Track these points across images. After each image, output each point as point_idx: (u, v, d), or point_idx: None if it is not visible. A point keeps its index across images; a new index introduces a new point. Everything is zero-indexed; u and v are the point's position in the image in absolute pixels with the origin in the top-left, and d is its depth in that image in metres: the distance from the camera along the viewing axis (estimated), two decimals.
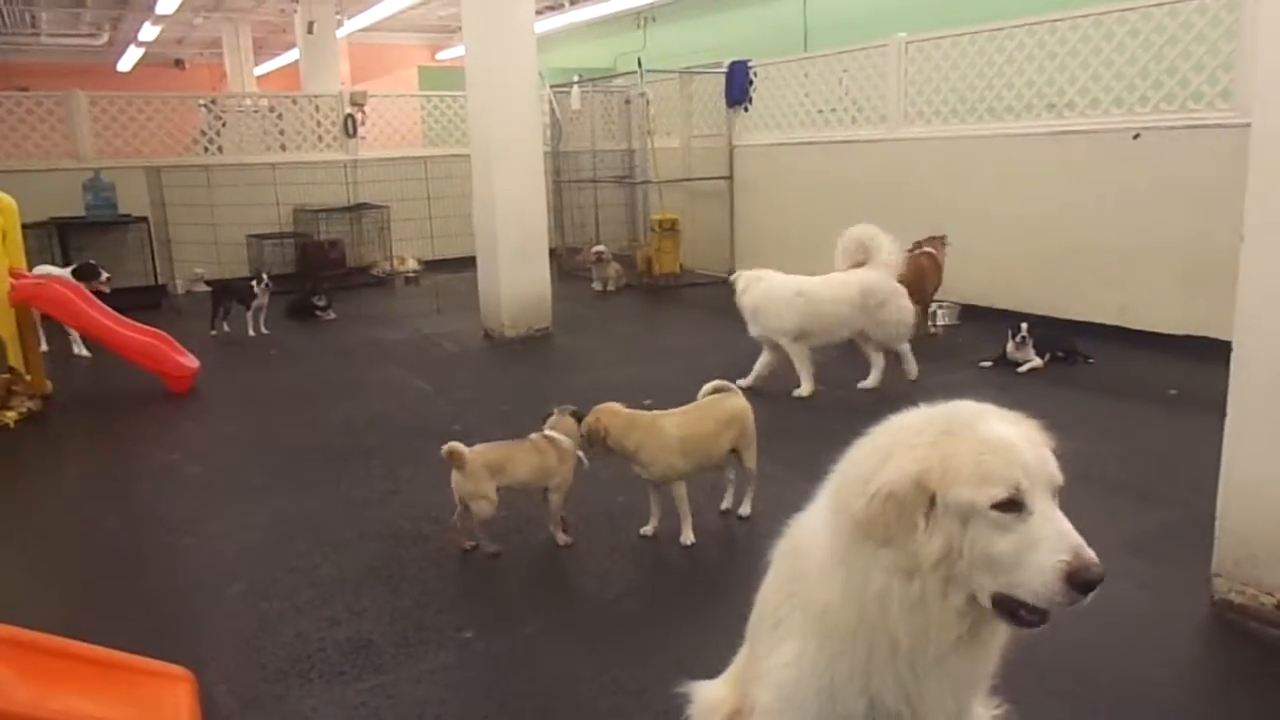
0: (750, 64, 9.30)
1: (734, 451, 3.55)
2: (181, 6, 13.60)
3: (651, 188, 9.93)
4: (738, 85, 9.36)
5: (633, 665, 2.65)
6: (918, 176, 7.59)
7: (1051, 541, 1.40)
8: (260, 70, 19.33)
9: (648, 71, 9.64)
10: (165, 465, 4.67)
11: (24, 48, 18.46)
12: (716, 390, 3.60)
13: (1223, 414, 2.74)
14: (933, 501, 1.44)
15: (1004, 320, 5.96)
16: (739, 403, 3.58)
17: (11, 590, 3.36)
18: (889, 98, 7.81)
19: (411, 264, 10.63)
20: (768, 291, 5.65)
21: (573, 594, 3.12)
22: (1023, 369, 5.67)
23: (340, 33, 14.56)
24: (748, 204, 9.55)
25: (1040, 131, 6.70)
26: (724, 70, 9.44)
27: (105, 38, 17.76)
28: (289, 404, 5.67)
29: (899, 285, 5.48)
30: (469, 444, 3.37)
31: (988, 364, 5.83)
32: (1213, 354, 4.16)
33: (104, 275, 7.15)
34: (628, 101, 10.85)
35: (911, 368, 5.55)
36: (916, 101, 7.64)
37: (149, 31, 16.22)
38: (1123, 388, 5.30)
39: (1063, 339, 5.90)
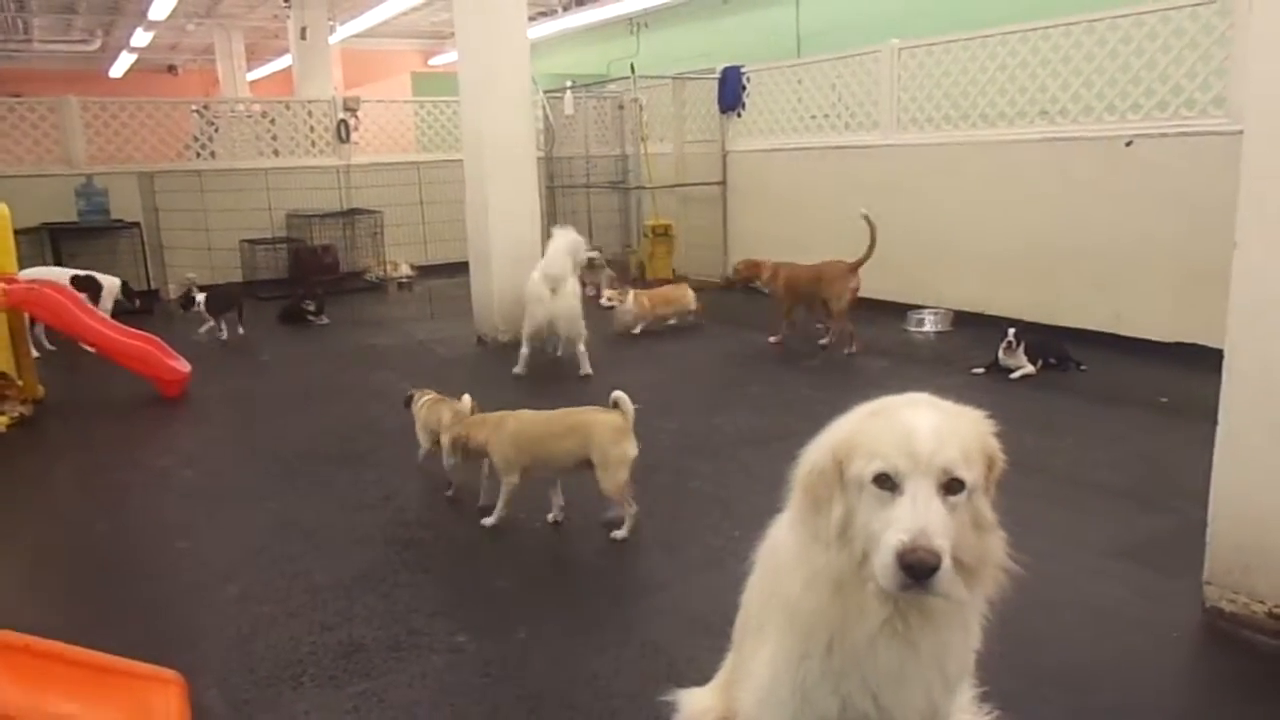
0: (743, 70, 9.33)
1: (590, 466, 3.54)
2: (174, 13, 13.58)
3: (645, 193, 9.95)
4: (731, 91, 9.38)
5: (625, 670, 2.64)
6: (910, 182, 7.61)
7: (902, 522, 1.41)
8: (253, 76, 19.34)
9: (641, 77, 9.68)
10: (158, 469, 4.65)
11: (16, 54, 18.42)
12: (614, 403, 3.56)
13: (1214, 421, 2.75)
14: (843, 474, 1.51)
15: (997, 327, 5.97)
16: (592, 419, 3.56)
17: (3, 594, 3.34)
18: (882, 104, 7.84)
19: (404, 269, 10.62)
20: None
21: (564, 599, 3.11)
22: (1015, 375, 5.69)
23: (333, 39, 14.55)
24: (741, 209, 9.57)
25: (1033, 138, 6.73)
26: (717, 76, 9.47)
27: (98, 44, 17.74)
28: (282, 409, 5.65)
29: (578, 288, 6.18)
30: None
31: (979, 370, 5.85)
32: (1204, 361, 4.19)
33: (135, 302, 7.31)
34: (621, 107, 10.87)
35: (584, 367, 6.09)
36: (909, 108, 7.67)
37: (141, 38, 16.20)
38: (1115, 394, 5.32)
39: (1055, 345, 5.91)
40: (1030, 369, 5.70)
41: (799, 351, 6.61)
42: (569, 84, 10.72)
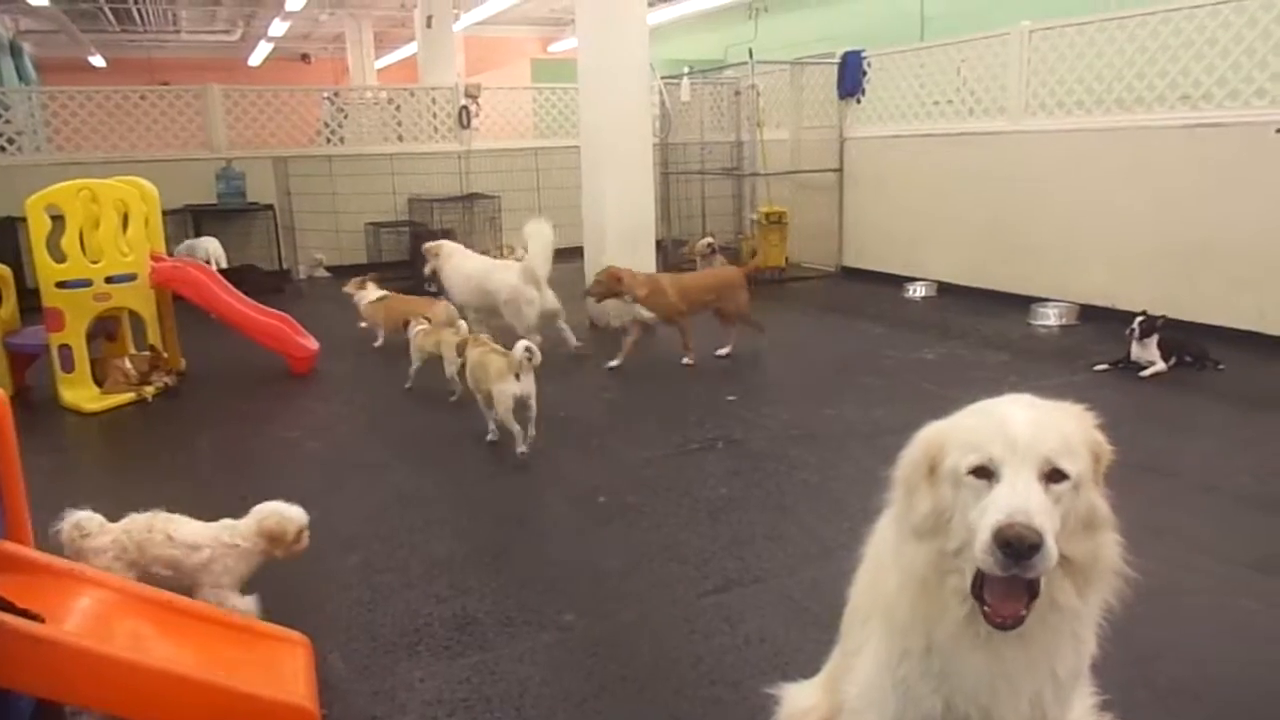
0: (864, 54, 9.12)
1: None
2: (309, 3, 14.16)
3: (759, 180, 9.86)
4: (851, 76, 9.19)
5: (730, 658, 2.66)
6: (1037, 170, 7.31)
7: (999, 504, 1.37)
8: (380, 64, 19.98)
9: (759, 62, 9.57)
10: (287, 441, 4.91)
11: (165, 44, 19.56)
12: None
13: None
14: (935, 470, 1.50)
15: (1124, 323, 5.69)
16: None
17: None
18: (1010, 88, 7.54)
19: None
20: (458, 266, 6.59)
21: (671, 583, 3.14)
22: (1145, 373, 5.41)
23: (456, 26, 14.90)
24: (858, 197, 9.38)
25: (1172, 124, 6.36)
26: (837, 61, 9.29)
27: (238, 34, 18.66)
28: (401, 385, 5.87)
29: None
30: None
31: (1104, 367, 5.59)
32: None
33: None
34: (737, 93, 10.79)
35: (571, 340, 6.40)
36: (1039, 93, 7.35)
37: (278, 27, 16.97)
38: (1257, 396, 5.00)
39: (1192, 342, 5.60)
40: (1162, 366, 5.42)
41: (914, 343, 6.46)
42: (686, 70, 10.70)
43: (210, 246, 9.31)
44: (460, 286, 6.49)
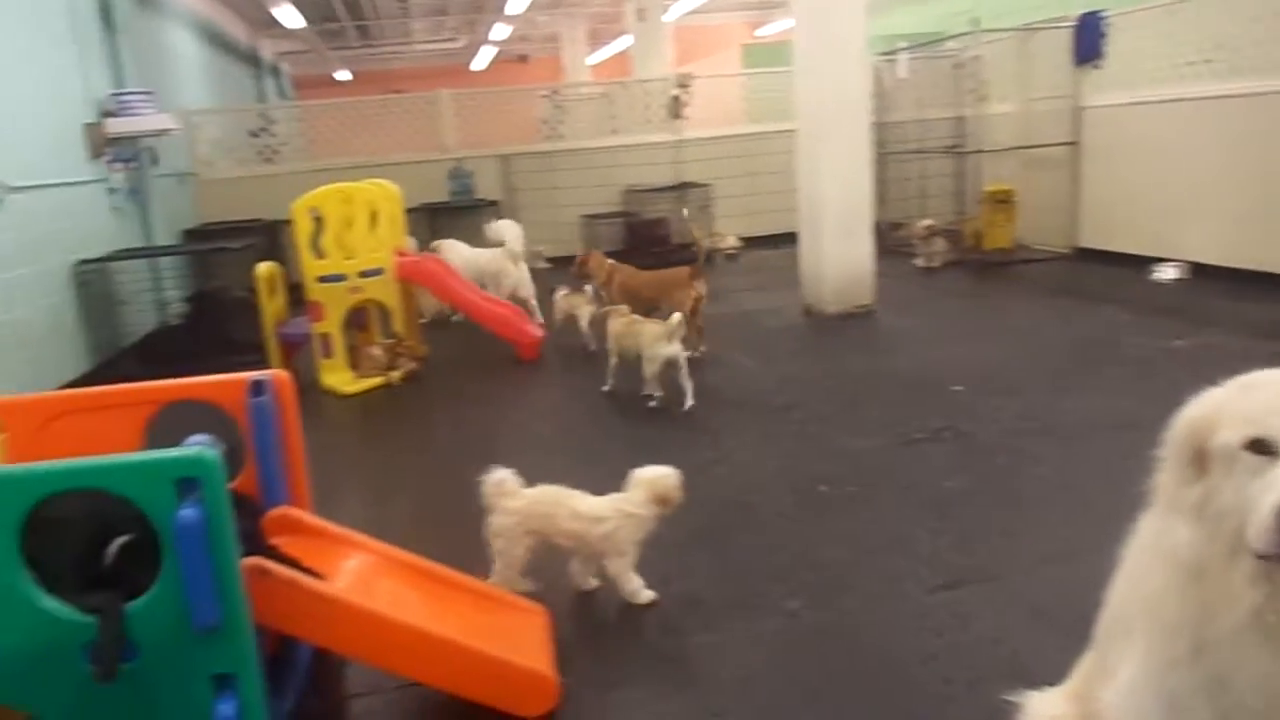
0: (1104, 15, 8.42)
1: None
2: (529, 6, 14.80)
3: (983, 157, 9.36)
4: (1088, 40, 8.52)
5: (963, 657, 2.56)
6: None
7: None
8: (593, 59, 20.58)
9: (983, 31, 9.07)
10: (518, 424, 5.19)
11: (400, 55, 21.07)
12: None
13: None
14: (1204, 450, 1.39)
15: None
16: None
17: (399, 521, 3.90)
18: None
19: (731, 241, 10.85)
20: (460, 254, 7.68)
21: (896, 576, 3.06)
22: None
23: (667, 17, 15.09)
24: (1095, 172, 8.70)
25: None
26: (1072, 24, 8.64)
27: (463, 41, 19.78)
28: (620, 372, 6.04)
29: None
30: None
31: None
32: None
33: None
34: (958, 66, 10.28)
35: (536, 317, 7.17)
36: None
37: (499, 31, 17.85)
38: None
39: None
40: None
41: (1164, 329, 5.93)
42: (903, 45, 10.31)
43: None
44: (461, 269, 7.20)
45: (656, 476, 2.97)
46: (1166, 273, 7.55)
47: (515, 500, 2.96)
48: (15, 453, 2.61)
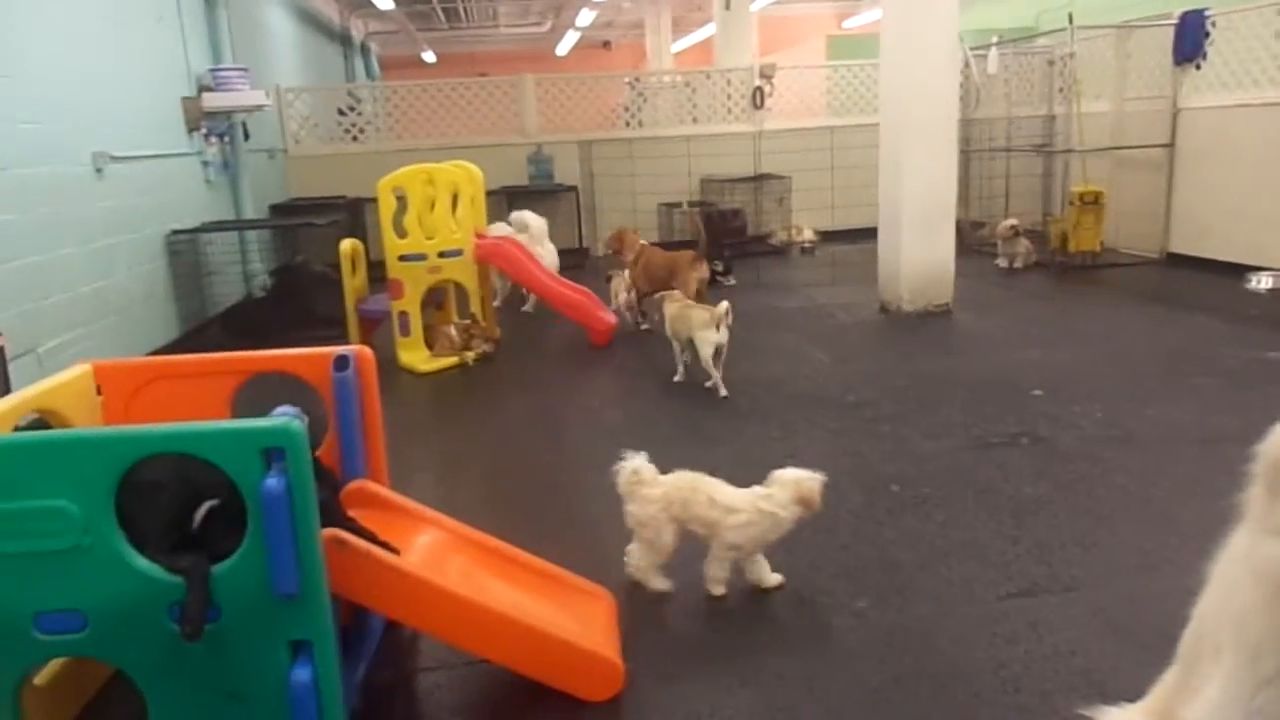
0: (1208, 13, 8.08)
1: None
2: None
3: (1073, 157, 9.07)
4: (1190, 39, 8.18)
5: (1036, 668, 2.50)
6: None
7: None
8: (677, 47, 20.51)
9: (1078, 28, 8.78)
10: (588, 408, 5.23)
11: (486, 38, 21.30)
12: None
13: None
14: None
15: None
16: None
17: (469, 500, 3.96)
18: None
19: (808, 234, 10.73)
20: None
21: (968, 582, 3.00)
22: None
23: (753, 6, 14.95)
24: (1192, 176, 8.37)
25: None
26: (1174, 22, 8.31)
27: (549, 25, 19.89)
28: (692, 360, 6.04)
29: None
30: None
31: None
32: None
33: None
34: (1051, 63, 9.98)
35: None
36: None
37: (585, 17, 17.91)
38: None
39: None
40: None
41: (1260, 340, 5.69)
42: (995, 40, 10.04)
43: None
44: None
45: (801, 478, 2.91)
46: (1262, 282, 7.23)
47: (655, 488, 2.93)
48: (110, 415, 2.72)
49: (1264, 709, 1.41)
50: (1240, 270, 7.49)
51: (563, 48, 22.77)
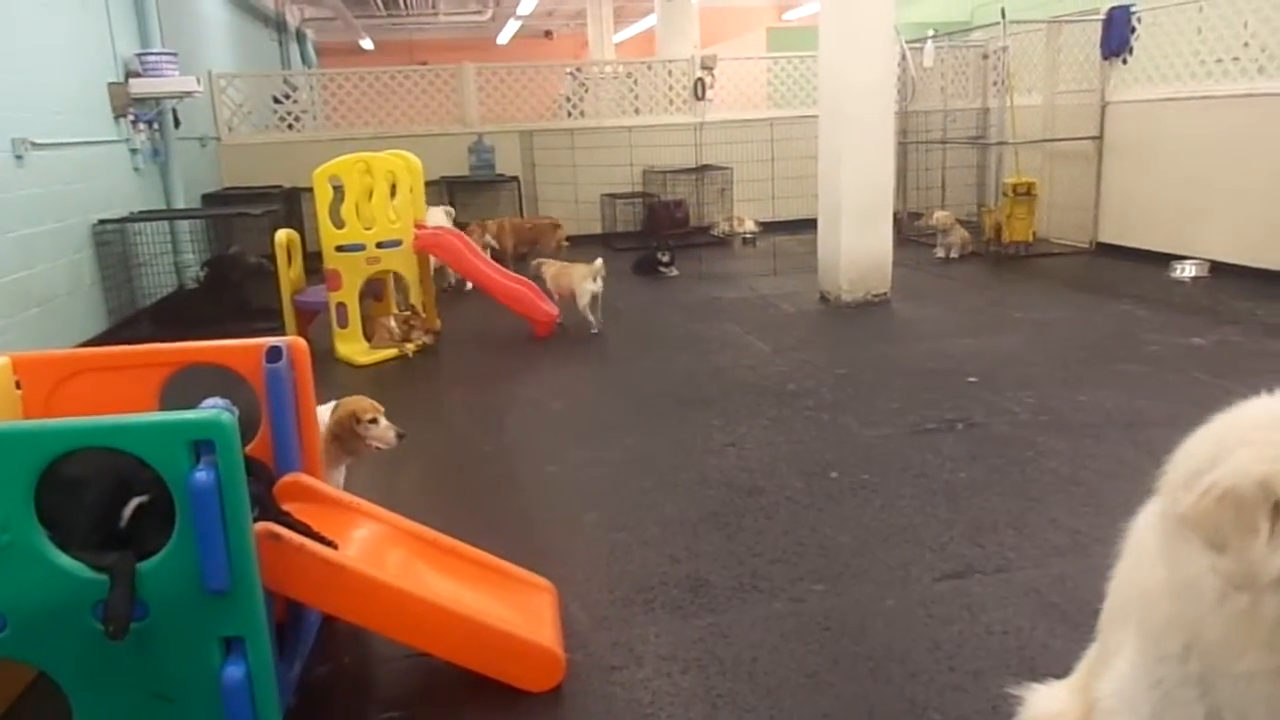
0: (1133, 8, 8.32)
1: None
2: None
3: (1007, 149, 9.28)
4: (1117, 34, 8.41)
5: (970, 646, 2.56)
6: None
7: None
8: (618, 38, 20.45)
9: (1011, 22, 8.96)
10: (531, 400, 5.20)
11: (425, 27, 20.97)
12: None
13: None
14: (1278, 509, 1.24)
15: None
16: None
17: (410, 494, 3.93)
18: None
19: (750, 225, 10.81)
20: None
21: (905, 564, 3.06)
22: None
23: None
24: (1119, 167, 8.61)
25: None
26: (1101, 18, 8.53)
27: (489, 14, 19.66)
28: (635, 352, 6.04)
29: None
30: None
31: None
32: None
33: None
34: (985, 56, 10.18)
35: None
36: None
37: (526, 6, 17.75)
38: None
39: None
40: None
41: (1182, 327, 5.88)
42: (931, 33, 10.20)
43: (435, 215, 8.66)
44: None
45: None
46: (1186, 270, 7.49)
47: None
48: (31, 409, 2.63)
49: (1163, 680, 1.46)
50: (1165, 259, 7.73)
51: (504, 37, 22.54)
